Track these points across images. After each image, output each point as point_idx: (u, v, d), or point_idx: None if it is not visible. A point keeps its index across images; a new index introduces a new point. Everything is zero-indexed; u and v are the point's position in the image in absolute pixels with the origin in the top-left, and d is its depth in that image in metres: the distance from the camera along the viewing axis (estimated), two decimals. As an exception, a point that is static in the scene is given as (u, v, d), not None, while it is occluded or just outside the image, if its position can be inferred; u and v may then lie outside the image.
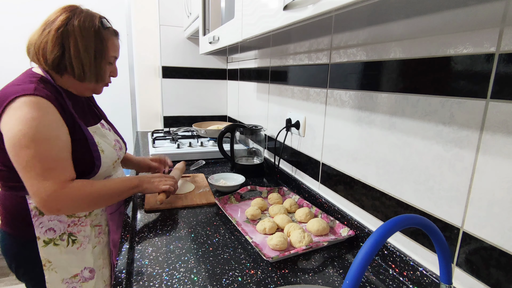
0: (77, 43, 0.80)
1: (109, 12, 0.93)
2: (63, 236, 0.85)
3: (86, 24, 0.82)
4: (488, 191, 0.53)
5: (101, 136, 0.93)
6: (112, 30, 0.90)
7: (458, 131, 0.58)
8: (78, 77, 0.84)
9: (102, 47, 0.85)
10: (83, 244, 0.88)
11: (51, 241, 0.84)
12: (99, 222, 0.93)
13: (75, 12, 0.82)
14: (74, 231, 0.87)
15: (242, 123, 1.54)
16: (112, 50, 0.89)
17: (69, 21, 0.81)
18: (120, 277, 0.67)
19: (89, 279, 0.90)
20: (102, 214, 0.94)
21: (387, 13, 0.60)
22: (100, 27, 0.84)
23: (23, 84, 0.76)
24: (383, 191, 0.77)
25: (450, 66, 0.58)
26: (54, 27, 0.79)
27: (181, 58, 2.12)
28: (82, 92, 0.91)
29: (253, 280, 0.67)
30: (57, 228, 0.84)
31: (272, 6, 0.71)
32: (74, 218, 0.86)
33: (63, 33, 0.80)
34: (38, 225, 0.82)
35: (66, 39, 0.80)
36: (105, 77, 0.90)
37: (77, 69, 0.82)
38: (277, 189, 1.14)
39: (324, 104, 1.00)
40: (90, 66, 0.84)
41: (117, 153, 0.97)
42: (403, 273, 0.69)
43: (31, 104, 0.73)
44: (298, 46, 1.16)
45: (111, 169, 0.95)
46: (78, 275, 0.88)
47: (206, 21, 1.46)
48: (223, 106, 2.31)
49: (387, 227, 0.33)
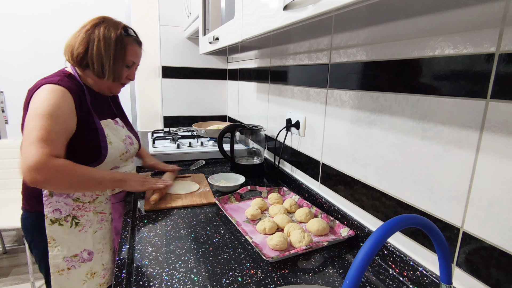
0: (99, 44, 0.92)
1: (109, 12, 0.97)
2: (68, 217, 0.95)
3: (110, 29, 0.94)
4: (488, 191, 0.53)
5: (112, 129, 1.03)
6: (134, 38, 1.01)
7: (458, 131, 0.58)
8: (97, 74, 0.95)
9: (121, 51, 0.96)
10: (85, 227, 0.98)
11: (57, 220, 0.94)
12: (102, 209, 1.03)
13: (104, 20, 0.96)
14: (78, 214, 0.97)
15: (242, 123, 1.54)
16: (130, 55, 0.99)
17: (97, 26, 0.94)
18: (120, 277, 0.67)
19: (87, 260, 0.99)
20: (106, 202, 1.04)
21: (387, 13, 0.60)
22: (122, 33, 0.96)
23: (52, 77, 0.90)
24: (383, 191, 0.77)
25: (450, 66, 0.58)
26: (84, 29, 0.94)
27: (181, 58, 2.12)
28: (101, 89, 1.01)
29: (253, 280, 0.67)
30: (63, 209, 0.94)
31: (272, 6, 0.71)
32: (79, 203, 0.97)
33: (90, 35, 0.93)
34: (48, 204, 0.92)
35: (91, 40, 0.93)
36: (121, 78, 1.00)
37: (97, 66, 0.94)
38: (277, 189, 1.14)
39: (324, 104, 1.00)
40: (109, 65, 0.94)
41: (126, 146, 1.05)
42: (403, 273, 0.69)
43: (51, 89, 0.86)
44: (298, 46, 1.16)
45: (118, 160, 1.03)
46: (77, 255, 0.98)
47: (206, 21, 1.46)
48: (223, 106, 2.31)
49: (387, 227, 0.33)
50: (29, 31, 2.24)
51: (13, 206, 1.87)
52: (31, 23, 2.24)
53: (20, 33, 2.23)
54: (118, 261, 0.72)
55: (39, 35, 2.26)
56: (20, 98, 0.91)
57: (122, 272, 0.68)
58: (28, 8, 2.21)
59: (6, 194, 1.99)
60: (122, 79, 1.02)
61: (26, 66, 2.27)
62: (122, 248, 0.77)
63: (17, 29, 2.22)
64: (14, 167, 1.99)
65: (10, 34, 2.21)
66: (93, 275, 1.01)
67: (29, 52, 2.27)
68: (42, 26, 2.25)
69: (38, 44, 2.27)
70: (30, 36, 2.25)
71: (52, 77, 0.91)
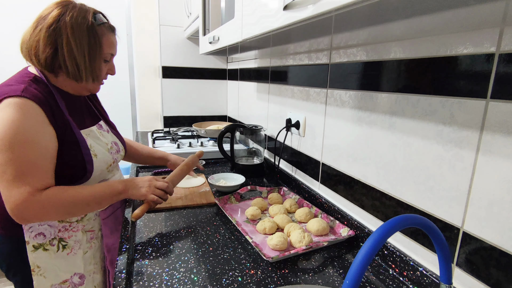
0: (69, 41, 0.76)
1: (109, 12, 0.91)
2: (53, 241, 0.82)
3: (79, 20, 0.77)
4: (488, 191, 0.53)
5: (95, 138, 0.89)
6: (108, 25, 0.85)
7: (458, 131, 0.58)
8: (73, 77, 0.81)
9: (96, 44, 0.81)
10: (73, 249, 0.86)
11: (41, 246, 0.81)
12: (91, 227, 0.90)
13: (67, 8, 0.78)
14: (65, 236, 0.84)
15: (242, 123, 1.54)
16: (107, 47, 0.84)
17: (61, 17, 0.77)
18: (120, 277, 0.67)
19: (78, 285, 0.88)
20: (95, 218, 0.91)
21: (387, 13, 0.60)
22: (94, 22, 0.80)
23: (14, 85, 0.74)
24: (383, 191, 0.77)
25: (450, 66, 0.58)
26: (46, 25, 0.76)
27: (181, 58, 2.12)
28: (79, 91, 0.87)
29: (253, 280, 0.67)
30: (47, 232, 0.81)
31: (272, 6, 0.71)
32: (65, 223, 0.84)
33: (55, 31, 0.76)
34: (28, 230, 0.79)
35: (58, 37, 0.76)
36: (101, 76, 0.86)
37: (71, 68, 0.79)
38: (277, 189, 1.14)
39: (324, 104, 1.00)
40: (84, 64, 0.80)
41: (112, 156, 0.93)
42: (403, 273, 0.69)
43: (15, 106, 0.70)
44: (298, 46, 1.16)
45: (105, 172, 0.92)
46: (67, 281, 0.86)
47: (206, 21, 1.46)
48: (223, 106, 2.31)
49: (387, 227, 0.33)
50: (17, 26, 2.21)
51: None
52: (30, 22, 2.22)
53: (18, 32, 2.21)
54: (118, 261, 0.72)
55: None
56: None
57: (122, 272, 0.68)
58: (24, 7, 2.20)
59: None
60: (102, 76, 0.87)
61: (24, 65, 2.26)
62: (122, 248, 0.77)
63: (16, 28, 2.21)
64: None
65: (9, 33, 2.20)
66: None
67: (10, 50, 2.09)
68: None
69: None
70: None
71: (13, 84, 0.74)
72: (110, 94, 2.40)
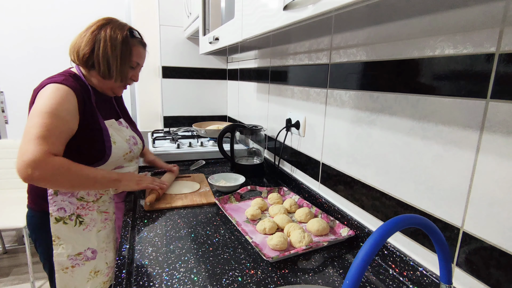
0: (106, 45, 0.94)
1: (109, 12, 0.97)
2: (72, 216, 0.96)
3: (116, 31, 0.95)
4: (488, 191, 0.53)
5: (116, 129, 1.04)
6: (139, 40, 1.03)
7: (458, 131, 0.58)
8: (103, 75, 0.96)
9: (127, 52, 0.98)
10: (89, 226, 0.99)
11: (62, 219, 0.95)
12: (106, 209, 1.03)
13: (110, 22, 0.97)
14: (82, 213, 0.98)
15: (242, 123, 1.54)
16: (135, 56, 1.01)
17: (103, 27, 0.95)
18: (120, 277, 0.67)
19: (91, 259, 1.01)
20: (110, 202, 1.05)
21: (387, 13, 0.60)
22: (128, 35, 0.98)
23: (57, 77, 0.91)
24: (383, 191, 0.77)
25: (450, 66, 0.58)
26: (90, 30, 0.95)
27: (181, 58, 2.12)
28: (103, 90, 1.02)
29: (253, 280, 0.67)
30: (67, 208, 0.95)
31: (272, 6, 0.71)
32: (83, 202, 0.98)
33: (96, 36, 0.94)
34: (52, 203, 0.94)
35: (97, 41, 0.94)
36: (126, 78, 1.02)
37: (103, 67, 0.95)
38: (277, 189, 1.14)
39: (324, 104, 1.00)
40: (115, 66, 0.96)
41: (129, 146, 1.06)
42: (403, 273, 0.69)
43: (55, 88, 0.87)
44: (298, 46, 1.16)
45: (122, 160, 1.04)
46: (81, 254, 0.99)
47: (206, 21, 1.46)
48: (223, 106, 2.31)
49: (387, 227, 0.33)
50: (28, 29, 2.24)
51: (13, 206, 1.87)
52: (30, 22, 2.23)
53: (19, 32, 2.23)
54: (118, 261, 0.72)
55: (38, 34, 2.26)
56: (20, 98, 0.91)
57: (122, 272, 0.68)
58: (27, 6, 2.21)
59: (6, 194, 1.99)
60: (127, 79, 1.04)
61: (26, 65, 2.27)
62: (122, 248, 0.77)
63: (16, 28, 2.22)
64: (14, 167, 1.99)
65: (9, 33, 2.21)
66: (96, 273, 1.02)
67: (28, 51, 2.27)
68: (41, 24, 2.25)
69: (37, 43, 2.27)
70: (29, 34, 2.25)
71: (57, 76, 0.92)
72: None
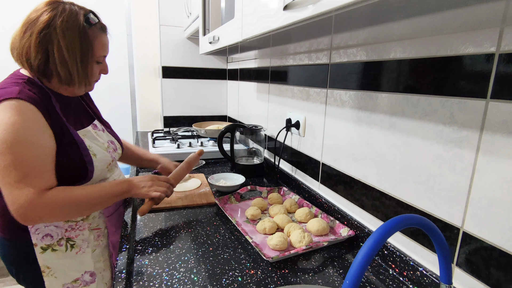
0: (60, 47, 0.75)
1: (109, 12, 0.93)
2: (61, 241, 0.83)
3: (70, 24, 0.75)
4: (488, 191, 0.53)
5: (92, 139, 0.89)
6: (99, 26, 0.83)
7: (458, 131, 0.58)
8: (66, 82, 0.80)
9: (88, 48, 0.80)
10: (82, 248, 0.86)
11: (49, 247, 0.82)
12: (97, 225, 0.90)
13: (57, 10, 0.76)
14: (72, 235, 0.84)
15: (242, 123, 1.54)
16: (99, 50, 0.83)
17: (51, 21, 0.74)
18: (120, 277, 0.67)
19: (90, 282, 0.89)
20: (100, 216, 0.91)
21: (387, 13, 0.60)
22: (85, 25, 0.78)
23: (8, 87, 0.73)
24: (383, 191, 0.77)
25: (450, 66, 0.58)
26: (36, 29, 0.74)
27: (181, 58, 2.12)
28: (73, 93, 0.87)
29: (253, 280, 0.67)
30: (54, 233, 0.82)
31: (272, 6, 0.71)
32: (71, 223, 0.84)
33: (46, 36, 0.74)
34: (34, 232, 0.80)
35: (49, 43, 0.75)
36: (92, 79, 0.86)
37: (64, 74, 0.78)
38: (277, 189, 1.14)
39: (324, 104, 1.00)
40: (77, 70, 0.79)
41: (111, 155, 0.93)
42: (403, 273, 0.69)
43: (13, 108, 0.70)
44: (298, 46, 1.16)
45: (105, 172, 0.92)
46: (79, 279, 0.87)
47: (206, 21, 1.46)
48: (223, 106, 2.31)
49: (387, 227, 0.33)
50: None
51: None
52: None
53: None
54: (118, 261, 0.72)
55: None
56: None
57: (122, 272, 0.68)
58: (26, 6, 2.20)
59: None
60: (94, 79, 0.87)
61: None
62: (122, 248, 0.77)
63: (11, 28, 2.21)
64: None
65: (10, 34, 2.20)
66: None
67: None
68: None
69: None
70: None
71: (8, 86, 0.73)
72: (110, 94, 2.40)
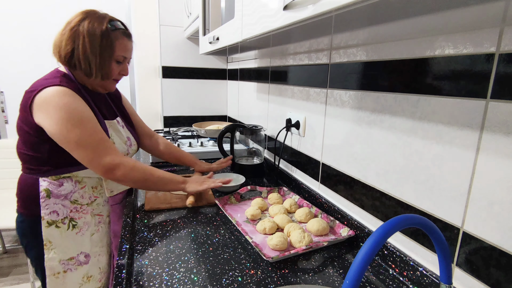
0: (84, 42, 0.88)
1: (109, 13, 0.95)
2: (65, 220, 0.92)
3: (95, 25, 0.89)
4: (488, 191, 0.53)
5: (116, 130, 1.02)
6: (122, 31, 0.96)
7: (458, 131, 0.58)
8: (85, 73, 0.91)
9: (108, 47, 0.91)
10: (82, 230, 0.95)
11: (54, 223, 0.91)
12: (100, 211, 1.00)
13: (88, 15, 0.91)
14: (76, 217, 0.94)
15: (242, 123, 1.54)
16: (120, 50, 0.94)
17: (82, 22, 0.89)
18: (120, 277, 0.67)
19: (83, 263, 0.97)
20: (104, 204, 1.01)
21: (387, 13, 0.60)
22: (109, 28, 0.91)
23: (50, 79, 0.87)
24: (383, 191, 0.77)
25: (450, 66, 0.58)
26: (69, 27, 0.89)
27: (181, 58, 2.12)
28: (94, 87, 0.98)
29: (253, 280, 0.67)
30: (60, 211, 0.92)
31: (272, 6, 0.71)
32: (76, 205, 0.94)
33: (75, 33, 0.88)
34: (44, 206, 0.90)
35: (76, 38, 0.88)
36: (110, 75, 0.96)
37: (84, 65, 0.90)
38: (277, 189, 1.14)
39: (324, 104, 1.00)
40: (95, 64, 0.90)
41: (127, 148, 1.05)
42: (403, 273, 0.69)
43: (60, 93, 0.83)
44: (298, 46, 1.16)
45: None
46: (74, 258, 0.95)
47: (206, 21, 1.46)
48: (223, 106, 2.31)
49: (387, 227, 0.33)
50: (28, 29, 2.24)
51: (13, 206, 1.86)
52: (30, 22, 2.23)
53: (19, 32, 2.23)
54: (118, 261, 0.72)
55: (38, 34, 2.26)
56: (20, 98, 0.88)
57: (122, 272, 0.68)
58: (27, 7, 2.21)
59: (6, 194, 1.99)
60: (113, 76, 0.96)
61: (26, 65, 2.27)
62: (122, 248, 0.77)
63: (17, 28, 2.22)
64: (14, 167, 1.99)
65: (10, 34, 2.21)
66: (89, 279, 0.98)
67: (29, 51, 2.26)
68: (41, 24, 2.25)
69: (38, 43, 2.27)
70: (30, 34, 2.25)
71: (51, 78, 0.87)
72: (110, 94, 2.40)
